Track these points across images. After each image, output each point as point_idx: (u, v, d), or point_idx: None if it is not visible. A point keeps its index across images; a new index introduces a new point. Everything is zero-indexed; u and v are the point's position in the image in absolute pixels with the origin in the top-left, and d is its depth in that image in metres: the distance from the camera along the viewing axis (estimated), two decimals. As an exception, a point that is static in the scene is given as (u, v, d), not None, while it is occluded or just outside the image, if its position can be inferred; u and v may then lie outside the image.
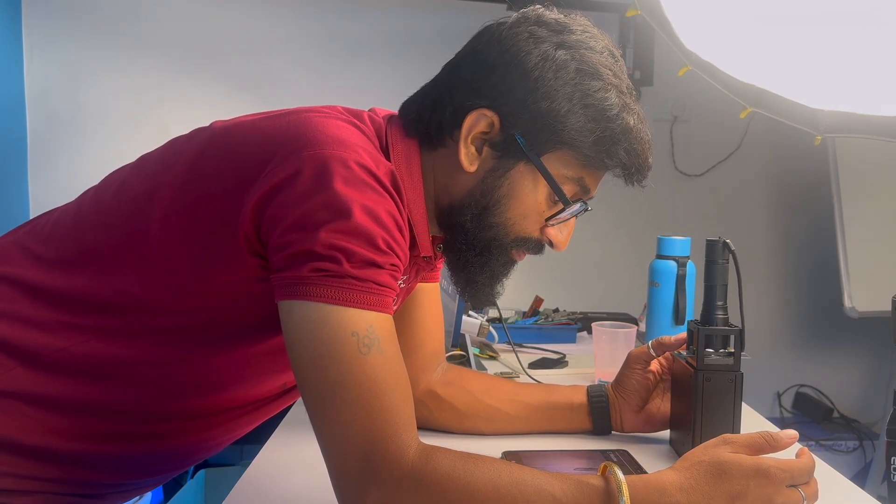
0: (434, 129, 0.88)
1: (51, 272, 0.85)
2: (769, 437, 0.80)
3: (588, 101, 0.84)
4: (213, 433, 0.93)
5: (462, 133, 0.86)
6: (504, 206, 0.87)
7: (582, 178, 0.88)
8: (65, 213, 0.91)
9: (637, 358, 1.12)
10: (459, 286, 0.94)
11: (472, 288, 0.93)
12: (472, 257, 0.90)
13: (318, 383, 0.72)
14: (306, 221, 0.72)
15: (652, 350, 1.12)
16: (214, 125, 0.87)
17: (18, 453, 0.83)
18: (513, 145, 0.85)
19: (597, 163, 0.86)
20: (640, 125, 0.87)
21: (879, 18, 1.38)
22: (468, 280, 0.92)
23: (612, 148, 0.85)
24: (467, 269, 0.91)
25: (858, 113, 1.59)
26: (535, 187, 0.87)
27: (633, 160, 0.87)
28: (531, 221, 0.89)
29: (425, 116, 0.88)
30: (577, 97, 0.84)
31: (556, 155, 0.86)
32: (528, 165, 0.86)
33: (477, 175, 0.87)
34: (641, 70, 2.81)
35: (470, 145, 0.86)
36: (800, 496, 0.78)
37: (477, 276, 0.91)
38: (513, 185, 0.86)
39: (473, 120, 0.85)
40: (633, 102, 0.87)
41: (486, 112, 0.85)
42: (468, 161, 0.86)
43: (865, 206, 2.68)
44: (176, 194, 0.81)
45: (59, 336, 0.83)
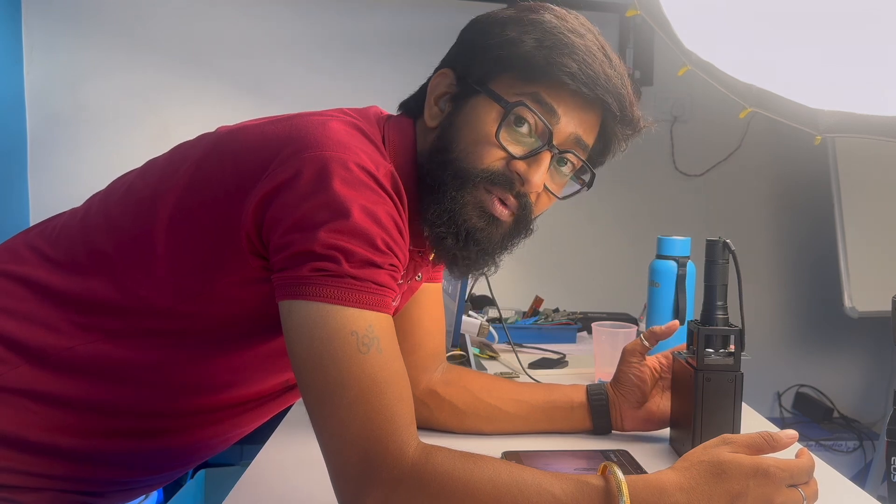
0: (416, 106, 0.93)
1: (59, 273, 0.86)
2: (769, 437, 0.80)
3: (522, 20, 0.86)
4: (217, 430, 0.94)
5: (427, 96, 0.90)
6: (456, 139, 0.86)
7: (536, 92, 0.85)
8: (73, 216, 0.92)
9: (632, 352, 1.13)
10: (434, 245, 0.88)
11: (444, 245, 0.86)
12: (434, 204, 0.85)
13: (318, 382, 0.72)
14: (306, 222, 0.73)
15: (645, 341, 1.13)
16: (220, 130, 0.88)
17: (24, 450, 0.83)
18: (464, 87, 0.88)
19: (544, 71, 0.84)
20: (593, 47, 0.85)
21: (879, 18, 1.38)
22: (431, 224, 0.86)
23: (555, 57, 0.83)
24: (428, 214, 0.86)
25: (858, 113, 1.59)
26: (488, 112, 0.85)
27: (584, 69, 0.83)
28: (485, 147, 0.85)
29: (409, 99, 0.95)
30: (513, 22, 0.87)
31: (502, 76, 0.86)
32: (478, 96, 0.86)
33: (438, 127, 0.89)
34: (641, 70, 2.80)
35: (433, 105, 0.90)
36: (800, 496, 0.78)
37: (437, 219, 0.85)
38: (465, 117, 0.87)
39: (435, 81, 0.91)
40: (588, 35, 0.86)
41: (445, 71, 0.90)
42: (430, 117, 0.90)
43: (865, 206, 2.68)
44: (181, 197, 0.82)
45: (65, 335, 0.83)
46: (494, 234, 0.87)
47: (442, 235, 0.86)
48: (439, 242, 0.87)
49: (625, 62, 0.90)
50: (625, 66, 0.89)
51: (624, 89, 0.87)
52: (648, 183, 2.94)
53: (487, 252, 0.88)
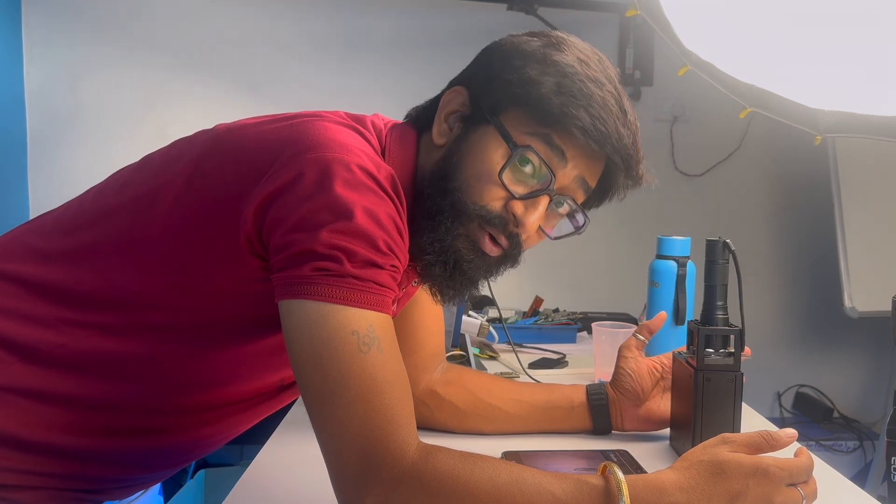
0: (423, 118, 0.92)
1: (52, 268, 0.85)
2: (768, 436, 0.80)
3: (546, 59, 0.85)
4: (211, 429, 0.94)
5: (437, 111, 0.89)
6: (460, 168, 0.85)
7: (548, 134, 0.84)
8: (67, 210, 0.92)
9: (627, 346, 1.15)
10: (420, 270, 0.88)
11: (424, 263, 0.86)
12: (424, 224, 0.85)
13: (318, 382, 0.72)
14: (308, 222, 0.73)
15: (639, 336, 1.15)
16: (218, 127, 0.88)
17: (18, 448, 0.83)
18: (477, 112, 0.87)
19: (557, 118, 0.83)
20: (610, 99, 0.84)
21: (879, 18, 1.38)
22: (419, 251, 0.85)
23: (570, 107, 0.82)
24: (420, 238, 0.85)
25: (858, 113, 1.59)
26: (495, 147, 0.85)
27: (596, 125, 0.83)
28: (486, 184, 0.84)
29: (419, 110, 0.93)
30: (535, 58, 0.85)
31: (515, 112, 0.85)
32: (487, 126, 0.85)
33: (445, 147, 0.88)
34: (641, 70, 2.80)
35: (443, 122, 0.89)
36: (799, 495, 0.78)
37: (428, 247, 0.85)
38: (471, 146, 0.86)
39: (447, 98, 0.90)
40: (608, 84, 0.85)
41: (458, 89, 0.89)
42: (439, 134, 0.89)
43: (865, 206, 2.68)
44: (178, 194, 0.82)
45: (58, 331, 0.83)
46: (481, 266, 0.87)
47: (431, 263, 0.86)
48: (427, 269, 0.87)
49: (625, 62, 0.90)
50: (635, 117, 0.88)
51: (633, 149, 0.87)
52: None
53: (472, 282, 0.89)
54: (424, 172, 0.88)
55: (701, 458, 0.77)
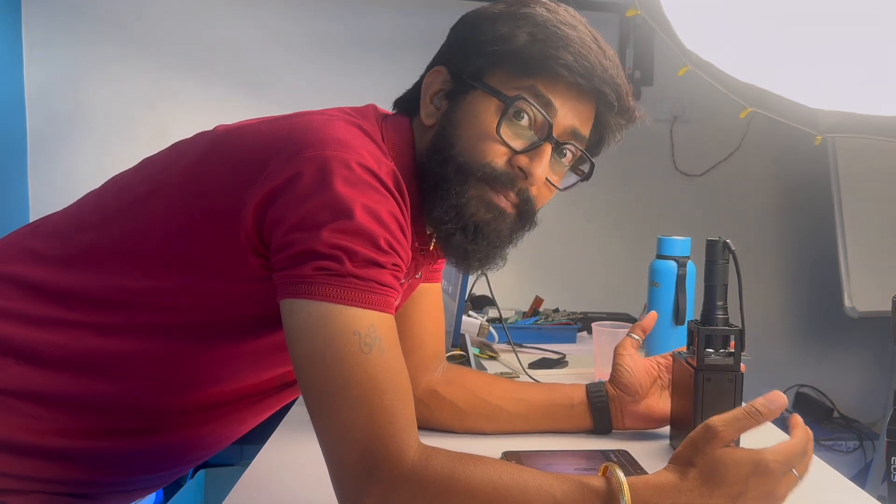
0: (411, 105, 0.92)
1: (51, 269, 0.85)
2: (754, 412, 0.76)
3: (513, 15, 0.86)
4: (212, 427, 0.93)
5: (422, 94, 0.90)
6: (456, 136, 0.86)
7: (533, 85, 0.84)
8: (66, 213, 0.92)
9: (623, 344, 1.15)
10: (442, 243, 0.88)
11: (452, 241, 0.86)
12: (439, 201, 0.85)
13: (319, 382, 0.72)
14: (308, 221, 0.72)
15: (633, 335, 1.15)
16: (218, 128, 0.88)
17: (16, 452, 0.83)
18: (459, 83, 0.88)
19: (540, 64, 0.84)
20: (587, 38, 0.85)
21: (879, 18, 1.38)
22: (438, 222, 0.86)
23: (550, 50, 0.83)
24: (435, 211, 0.86)
25: (858, 113, 1.59)
26: (486, 107, 0.85)
27: (579, 61, 0.83)
28: (486, 143, 0.84)
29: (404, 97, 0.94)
30: (503, 16, 0.87)
31: (497, 71, 0.86)
32: (475, 92, 0.86)
33: (437, 125, 0.89)
34: (641, 70, 2.81)
35: (429, 104, 0.90)
36: (796, 478, 0.77)
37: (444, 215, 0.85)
38: (463, 113, 0.86)
39: (429, 79, 0.90)
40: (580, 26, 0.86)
41: (438, 69, 0.90)
42: (427, 116, 0.89)
43: (865, 206, 2.68)
44: (178, 194, 0.82)
45: (57, 332, 0.83)
46: (502, 227, 0.87)
47: (451, 232, 0.86)
48: (448, 239, 0.86)
49: (625, 62, 0.90)
50: (616, 55, 0.89)
51: (619, 79, 0.87)
52: (648, 183, 2.93)
53: (496, 245, 0.88)
54: (422, 155, 0.89)
55: (697, 458, 0.76)
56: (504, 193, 0.86)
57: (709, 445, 0.76)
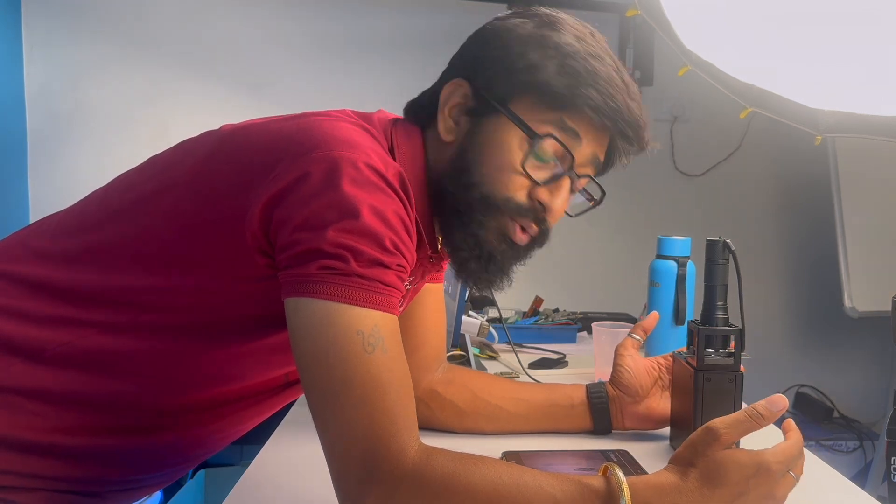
0: (424, 114, 0.91)
1: (55, 268, 0.85)
2: (756, 415, 0.77)
3: (545, 42, 0.85)
4: (216, 426, 0.93)
5: (440, 107, 0.88)
6: (479, 162, 0.86)
7: (560, 118, 0.85)
8: (71, 212, 0.92)
9: (623, 345, 1.15)
10: (458, 270, 0.90)
11: (460, 259, 0.88)
12: (456, 223, 0.86)
13: (322, 381, 0.72)
14: (315, 221, 0.73)
15: (634, 336, 1.15)
16: (223, 128, 0.88)
17: (21, 450, 0.83)
18: (482, 103, 0.86)
19: (567, 100, 0.84)
20: (613, 74, 0.85)
21: (879, 18, 1.38)
22: (455, 249, 0.88)
23: (578, 86, 0.83)
24: (453, 237, 0.87)
25: (858, 113, 1.60)
26: (509, 137, 0.85)
27: (606, 101, 0.83)
28: (510, 175, 0.85)
29: (416, 104, 0.92)
30: (533, 41, 0.85)
31: (524, 99, 0.85)
32: (499, 117, 0.85)
33: (455, 143, 0.88)
34: (641, 70, 2.81)
35: (448, 118, 0.88)
36: (794, 479, 0.78)
37: (462, 243, 0.87)
38: (485, 139, 0.86)
39: (448, 91, 0.88)
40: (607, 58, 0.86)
41: (459, 82, 0.88)
42: (445, 131, 0.88)
43: (865, 206, 2.68)
44: (184, 193, 0.82)
45: (62, 331, 0.83)
46: (513, 255, 0.89)
47: (466, 259, 0.88)
48: (462, 264, 0.89)
49: (625, 62, 0.90)
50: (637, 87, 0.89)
51: (641, 117, 0.87)
52: (648, 183, 2.93)
53: (504, 271, 0.90)
54: (438, 170, 0.88)
55: (698, 460, 0.76)
56: (525, 225, 0.87)
57: (710, 448, 0.76)
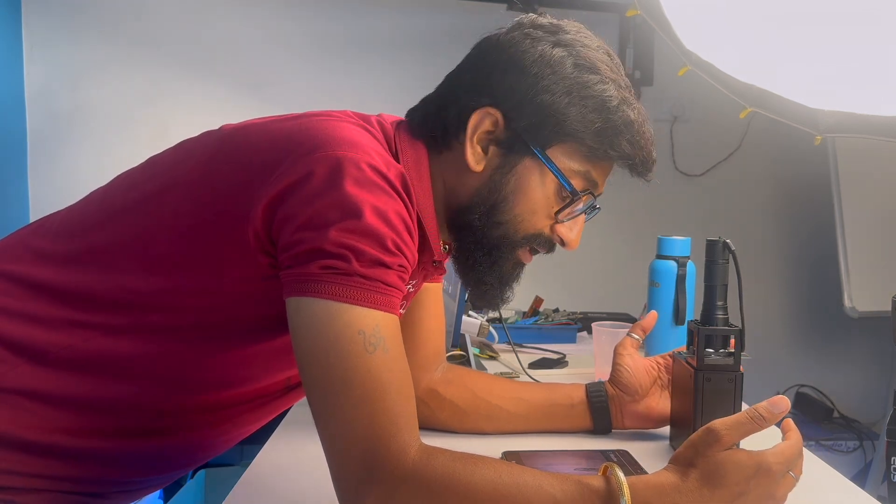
0: (440, 132, 0.89)
1: (57, 269, 0.85)
2: (757, 417, 0.77)
3: (587, 93, 0.86)
4: (219, 429, 0.93)
5: (468, 133, 0.87)
6: (512, 203, 0.87)
7: (588, 171, 0.88)
8: (71, 212, 0.92)
9: (623, 344, 1.15)
10: (469, 288, 0.94)
11: (482, 290, 0.93)
12: (480, 257, 0.90)
13: (323, 380, 0.72)
14: (317, 220, 0.73)
15: (633, 335, 1.16)
16: (224, 128, 0.88)
17: (24, 451, 0.83)
18: (517, 141, 0.86)
19: (601, 154, 0.87)
20: (640, 119, 0.88)
21: (879, 18, 1.38)
22: (478, 281, 0.92)
23: (615, 139, 0.87)
24: (476, 270, 0.91)
25: (858, 113, 1.60)
26: (543, 181, 0.87)
27: (637, 152, 0.88)
28: (540, 217, 0.89)
29: (430, 120, 0.90)
30: (576, 90, 0.85)
31: (561, 148, 0.87)
32: (533, 160, 0.87)
33: (484, 174, 0.88)
34: (641, 70, 2.80)
35: (476, 145, 0.87)
36: (793, 480, 0.78)
37: (486, 276, 0.91)
38: (520, 180, 0.87)
39: (478, 119, 0.87)
40: (631, 98, 0.89)
41: (489, 110, 0.87)
42: (475, 161, 0.87)
43: (865, 206, 2.68)
44: (186, 194, 0.82)
45: (65, 333, 0.83)
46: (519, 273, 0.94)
47: (485, 287, 0.93)
48: (481, 292, 0.94)
49: (625, 62, 0.91)
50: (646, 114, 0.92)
51: (655, 154, 0.92)
52: (648, 183, 2.93)
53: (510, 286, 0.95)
54: (460, 196, 0.89)
55: (697, 459, 0.76)
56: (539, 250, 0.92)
57: (710, 448, 0.76)
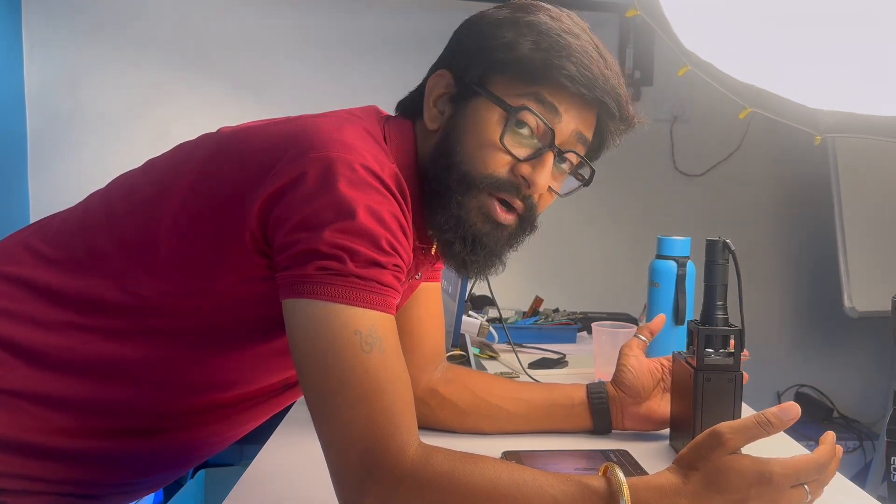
0: (413, 107, 0.92)
1: (58, 272, 0.85)
2: (765, 422, 0.75)
3: (518, 22, 0.87)
4: (216, 429, 0.94)
5: (425, 98, 0.90)
6: (460, 142, 0.87)
7: (538, 92, 0.85)
8: (71, 214, 0.92)
9: (628, 345, 1.15)
10: (443, 253, 0.90)
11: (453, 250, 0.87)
12: (441, 210, 0.86)
13: (321, 381, 0.72)
14: (311, 221, 0.73)
15: (640, 336, 1.15)
16: (222, 130, 0.89)
17: (22, 453, 0.83)
18: (463, 88, 0.88)
19: (542, 73, 0.85)
20: (589, 48, 0.86)
21: (880, 18, 1.38)
22: (447, 242, 0.87)
23: (553, 59, 0.84)
24: (443, 228, 0.87)
25: (858, 113, 1.60)
26: (490, 115, 0.86)
27: (582, 72, 0.84)
28: (490, 152, 0.85)
29: (406, 99, 0.95)
30: (507, 22, 0.87)
31: (501, 77, 0.86)
32: (478, 98, 0.87)
33: (441, 130, 0.89)
34: (641, 70, 2.80)
35: (433, 107, 0.90)
36: (804, 493, 0.75)
37: (453, 233, 0.86)
38: (467, 120, 0.87)
39: (432, 82, 0.91)
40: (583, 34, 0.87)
41: (441, 72, 0.90)
42: (431, 120, 0.90)
43: (865, 206, 2.68)
44: (184, 197, 0.82)
45: (64, 336, 0.83)
46: (501, 236, 0.88)
47: (450, 241, 0.87)
48: (448, 247, 0.88)
49: (625, 62, 0.91)
50: (617, 63, 0.90)
51: (620, 88, 0.88)
52: (648, 183, 2.93)
53: (495, 253, 0.89)
54: (425, 159, 0.89)
55: (700, 462, 0.75)
56: (509, 200, 0.87)
57: (713, 452, 0.75)
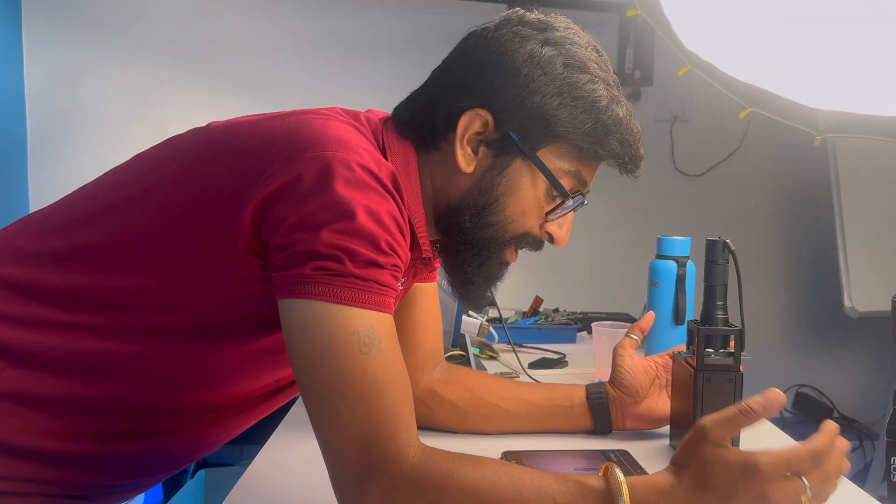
0: (428, 132, 0.89)
1: (42, 269, 0.84)
2: (747, 410, 0.73)
3: (577, 93, 0.86)
4: (206, 431, 0.93)
5: (457, 134, 0.87)
6: (503, 204, 0.88)
7: (578, 170, 0.89)
8: (55, 210, 0.91)
9: (622, 345, 1.15)
10: (455, 287, 0.94)
11: (468, 289, 0.94)
12: (469, 257, 0.90)
13: (319, 382, 0.72)
14: (309, 222, 0.72)
15: (632, 336, 1.16)
16: (211, 125, 0.87)
17: (12, 455, 0.82)
18: (508, 143, 0.87)
19: (591, 154, 0.88)
20: (629, 116, 0.89)
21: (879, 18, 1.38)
22: (465, 281, 0.92)
23: (605, 139, 0.87)
24: (464, 269, 0.91)
25: (858, 113, 1.60)
26: (534, 183, 0.88)
27: (626, 150, 0.88)
28: (530, 217, 0.89)
29: (418, 120, 0.90)
30: (566, 90, 0.86)
31: (551, 149, 0.87)
32: (524, 161, 0.87)
33: (474, 176, 0.88)
34: (641, 70, 2.80)
35: (466, 146, 0.87)
36: (801, 485, 0.72)
37: (474, 276, 0.92)
38: (511, 182, 0.87)
39: (468, 120, 0.87)
40: (620, 95, 0.89)
41: (479, 112, 0.86)
42: (465, 162, 0.87)
43: (865, 206, 2.68)
44: (173, 193, 0.81)
45: (51, 334, 0.82)
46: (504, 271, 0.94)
47: (472, 286, 0.93)
48: (467, 291, 0.94)
49: (625, 62, 0.92)
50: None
51: (643, 150, 0.92)
52: (648, 183, 2.92)
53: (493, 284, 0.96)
54: (450, 197, 0.89)
55: (690, 459, 0.74)
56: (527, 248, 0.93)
57: (699, 446, 0.74)
